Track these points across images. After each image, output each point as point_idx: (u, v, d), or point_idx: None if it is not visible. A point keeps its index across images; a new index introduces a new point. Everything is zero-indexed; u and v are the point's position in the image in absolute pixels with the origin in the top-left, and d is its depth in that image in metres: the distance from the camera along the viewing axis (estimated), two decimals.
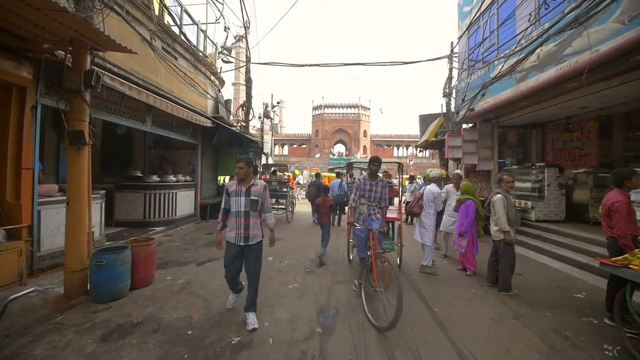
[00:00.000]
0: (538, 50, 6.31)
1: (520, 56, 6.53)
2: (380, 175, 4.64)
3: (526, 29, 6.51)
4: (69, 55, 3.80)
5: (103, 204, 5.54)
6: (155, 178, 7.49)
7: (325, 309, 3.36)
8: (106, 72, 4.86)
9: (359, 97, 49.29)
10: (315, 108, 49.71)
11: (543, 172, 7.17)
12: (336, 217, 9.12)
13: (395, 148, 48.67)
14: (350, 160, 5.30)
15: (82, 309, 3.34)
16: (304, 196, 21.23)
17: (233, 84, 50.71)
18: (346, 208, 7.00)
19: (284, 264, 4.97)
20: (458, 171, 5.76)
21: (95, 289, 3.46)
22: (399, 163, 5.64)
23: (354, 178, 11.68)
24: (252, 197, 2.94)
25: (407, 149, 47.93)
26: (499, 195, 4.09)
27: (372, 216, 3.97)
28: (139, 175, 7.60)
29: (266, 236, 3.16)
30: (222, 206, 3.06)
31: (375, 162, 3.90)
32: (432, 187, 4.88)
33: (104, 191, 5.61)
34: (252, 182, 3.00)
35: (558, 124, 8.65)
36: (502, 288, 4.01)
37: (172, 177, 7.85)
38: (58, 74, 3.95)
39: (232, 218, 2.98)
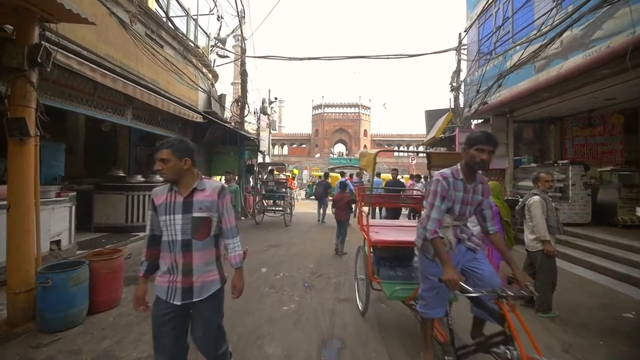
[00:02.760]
0: (562, 36, 5.67)
1: (544, 41, 5.88)
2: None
3: (550, 10, 5.85)
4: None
5: (73, 208, 4.87)
6: (139, 178, 6.81)
7: (328, 341, 2.68)
8: (72, 56, 4.21)
9: (359, 96, 48.65)
10: (315, 107, 49.05)
11: (567, 170, 6.49)
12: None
13: (397, 147, 48.02)
14: (366, 152, 3.70)
15: (24, 340, 2.67)
16: (304, 197, 20.73)
17: (232, 83, 50.01)
18: (353, 206, 6.39)
19: (278, 277, 4.29)
20: None
21: (41, 315, 2.78)
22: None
23: (360, 178, 11.08)
24: (195, 214, 1.60)
25: (408, 148, 47.25)
26: (536, 197, 3.41)
27: (467, 242, 2.12)
28: (122, 175, 6.91)
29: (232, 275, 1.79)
30: (147, 232, 1.70)
31: (486, 143, 1.88)
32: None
33: (74, 193, 4.93)
34: (194, 184, 1.65)
35: (579, 118, 7.97)
36: (540, 309, 3.34)
37: (158, 177, 7.16)
38: None
39: (164, 252, 1.64)
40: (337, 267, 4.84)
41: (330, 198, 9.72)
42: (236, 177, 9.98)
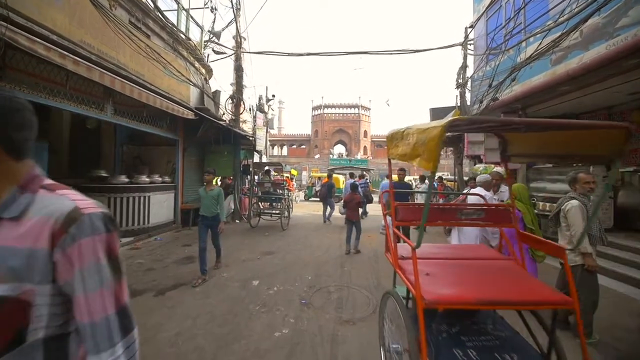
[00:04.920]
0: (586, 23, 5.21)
1: (565, 30, 5.40)
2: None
3: None
4: None
5: None
6: (123, 179, 6.28)
7: None
8: (38, 40, 3.73)
9: (359, 97, 48.22)
10: (314, 108, 48.57)
11: (587, 171, 5.97)
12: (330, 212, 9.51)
13: None
14: (414, 128, 1.71)
15: None
16: (303, 198, 20.19)
17: (231, 84, 49.48)
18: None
19: (272, 291, 3.76)
20: (498, 169, 4.61)
21: None
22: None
23: (366, 178, 10.77)
24: None
25: None
26: (574, 202, 2.90)
27: None
28: (104, 175, 6.38)
29: None
30: None
31: None
32: (479, 192, 3.76)
33: None
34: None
35: (596, 114, 7.46)
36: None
37: (145, 178, 6.65)
38: None
39: None
40: (337, 279, 4.31)
41: (334, 199, 9.75)
42: (231, 178, 9.49)
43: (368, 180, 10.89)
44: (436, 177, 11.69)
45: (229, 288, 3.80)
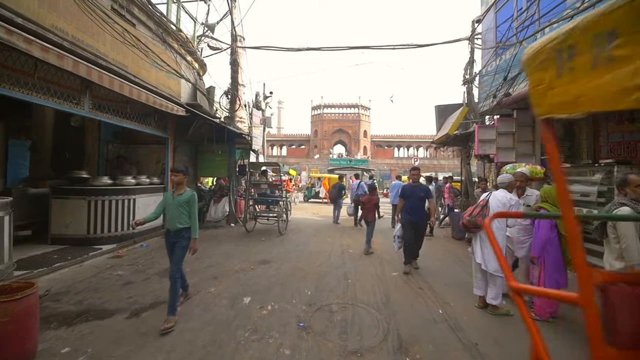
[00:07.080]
0: None
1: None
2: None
3: None
4: None
5: (7, 218, 3.82)
6: (105, 180, 5.78)
7: None
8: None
9: (359, 97, 47.67)
10: (314, 108, 48.02)
11: (611, 171, 5.49)
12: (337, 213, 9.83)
13: (397, 148, 47.08)
14: None
15: None
16: (302, 199, 19.70)
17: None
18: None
19: (265, 311, 3.26)
20: (523, 169, 4.13)
21: None
22: None
23: (373, 179, 10.40)
24: None
25: (408, 150, 46.32)
26: (625, 209, 2.42)
27: None
28: (85, 176, 5.88)
29: None
30: None
31: None
32: (501, 194, 3.30)
33: (7, 199, 3.88)
34: None
35: (615, 112, 7.00)
36: None
37: (130, 179, 6.14)
38: None
39: None
40: (340, 294, 3.82)
41: (343, 200, 10.09)
42: (226, 179, 8.98)
43: (374, 182, 10.61)
44: (445, 177, 11.01)
45: (216, 307, 3.30)
